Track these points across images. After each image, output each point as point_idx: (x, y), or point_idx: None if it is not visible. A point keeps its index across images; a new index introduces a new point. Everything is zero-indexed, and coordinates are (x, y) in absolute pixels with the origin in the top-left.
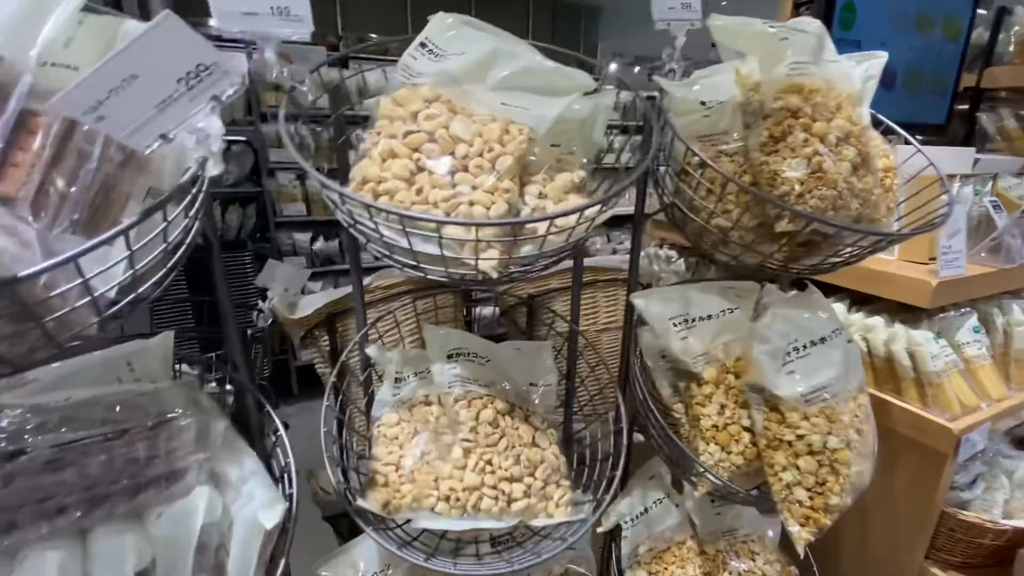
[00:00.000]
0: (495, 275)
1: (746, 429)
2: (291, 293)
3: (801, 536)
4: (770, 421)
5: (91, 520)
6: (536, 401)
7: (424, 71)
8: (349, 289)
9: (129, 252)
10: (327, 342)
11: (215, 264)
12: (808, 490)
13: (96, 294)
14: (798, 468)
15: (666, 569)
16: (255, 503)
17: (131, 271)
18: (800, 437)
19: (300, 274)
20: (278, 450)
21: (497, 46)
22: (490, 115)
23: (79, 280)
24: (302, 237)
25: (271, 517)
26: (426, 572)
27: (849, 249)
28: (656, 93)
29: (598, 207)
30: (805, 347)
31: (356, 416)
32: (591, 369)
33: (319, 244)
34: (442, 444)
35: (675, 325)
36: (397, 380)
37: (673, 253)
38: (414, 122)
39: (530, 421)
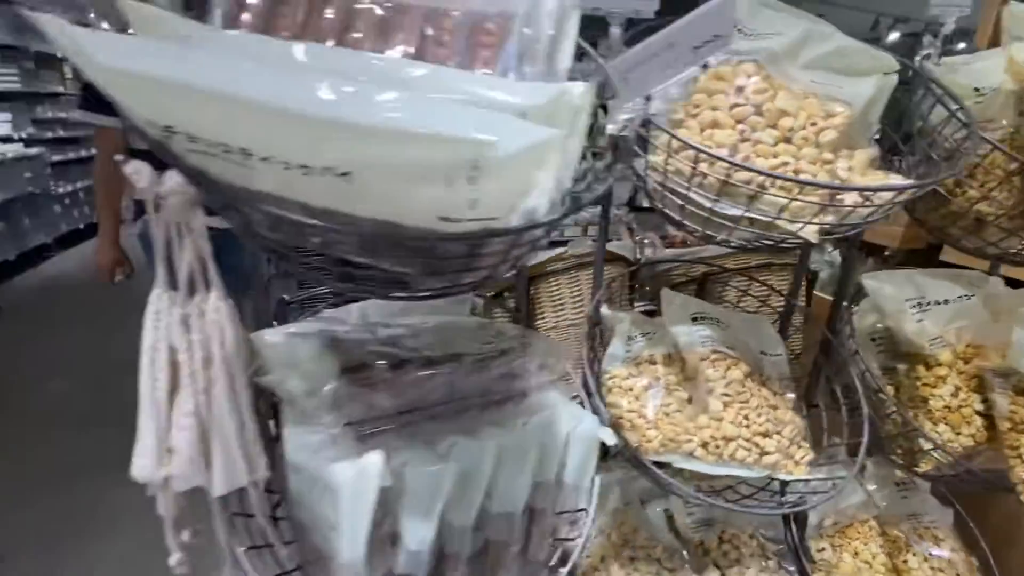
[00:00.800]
0: (815, 240)
1: (978, 413)
2: None
3: None
4: (1017, 405)
5: (478, 422)
6: (768, 369)
7: (740, 49)
8: (547, 255)
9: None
10: (514, 303)
11: None
12: None
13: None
14: None
15: (849, 544)
16: (587, 423)
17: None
18: None
19: None
20: None
21: (810, 27)
22: (803, 92)
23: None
24: None
25: (609, 436)
26: (625, 518)
27: None
28: None
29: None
30: None
31: None
32: (806, 347)
33: None
34: (676, 398)
35: (911, 307)
36: (629, 339)
37: None
38: (737, 95)
39: (768, 386)
